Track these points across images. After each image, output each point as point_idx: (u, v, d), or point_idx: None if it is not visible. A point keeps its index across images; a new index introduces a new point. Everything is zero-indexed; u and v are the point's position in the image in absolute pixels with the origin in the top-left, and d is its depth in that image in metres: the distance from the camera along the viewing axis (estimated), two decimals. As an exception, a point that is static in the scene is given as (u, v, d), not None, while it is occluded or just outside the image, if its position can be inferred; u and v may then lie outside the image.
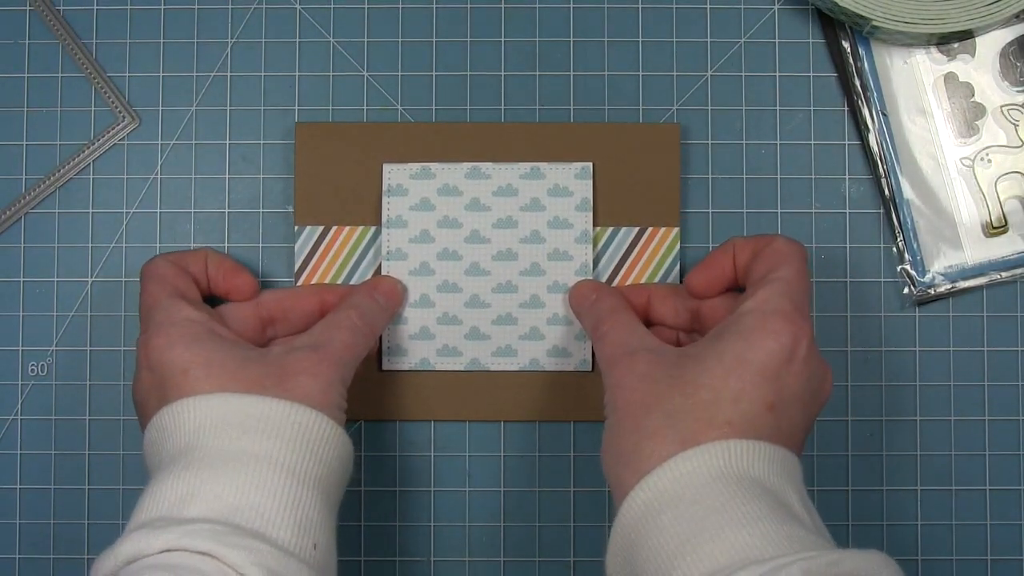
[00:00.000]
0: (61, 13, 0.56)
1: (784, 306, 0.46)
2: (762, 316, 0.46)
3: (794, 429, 0.46)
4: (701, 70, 0.56)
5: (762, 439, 0.44)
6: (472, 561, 0.55)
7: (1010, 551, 0.55)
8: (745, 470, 0.43)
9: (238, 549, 0.41)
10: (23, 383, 0.56)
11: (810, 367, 0.46)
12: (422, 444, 0.56)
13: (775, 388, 0.45)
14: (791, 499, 0.43)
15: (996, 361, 0.56)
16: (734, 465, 0.43)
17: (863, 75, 0.56)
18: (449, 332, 0.55)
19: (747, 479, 0.43)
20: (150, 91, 0.56)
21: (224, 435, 0.45)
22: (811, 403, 0.47)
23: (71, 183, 0.56)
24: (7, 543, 0.55)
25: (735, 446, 0.43)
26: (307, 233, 0.55)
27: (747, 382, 0.45)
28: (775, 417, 0.45)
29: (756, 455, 0.44)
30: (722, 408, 0.44)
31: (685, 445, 0.43)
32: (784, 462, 0.44)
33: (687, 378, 0.45)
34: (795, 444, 0.46)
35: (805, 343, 0.46)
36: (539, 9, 0.56)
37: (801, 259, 0.49)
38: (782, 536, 0.41)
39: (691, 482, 0.43)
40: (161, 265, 0.52)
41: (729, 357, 0.45)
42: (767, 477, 0.43)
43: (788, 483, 0.44)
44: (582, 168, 0.55)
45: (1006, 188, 0.56)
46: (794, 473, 0.45)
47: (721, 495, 0.42)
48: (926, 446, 0.55)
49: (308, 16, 0.56)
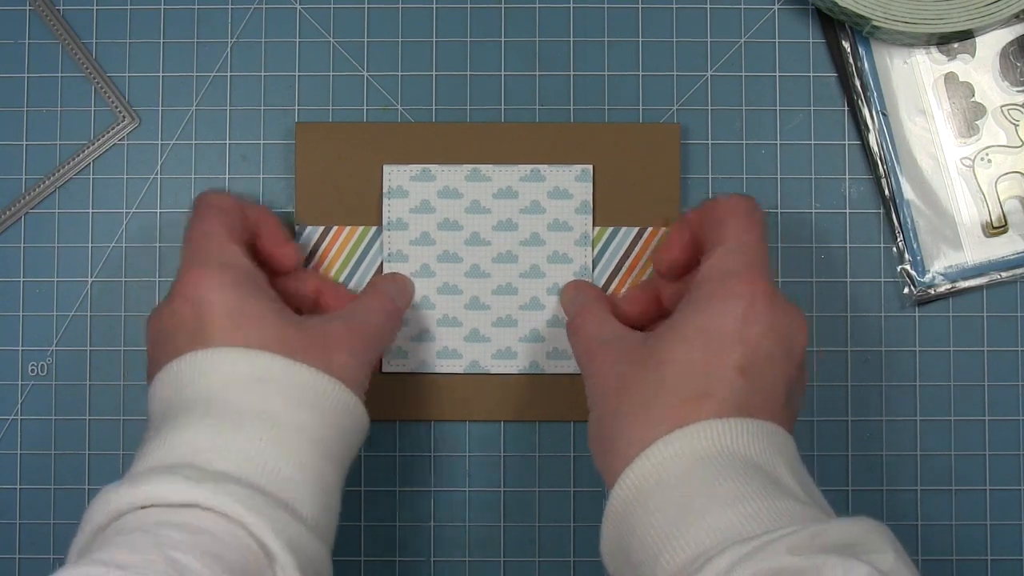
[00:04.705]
0: (61, 13, 0.56)
1: (732, 265, 0.46)
2: (713, 283, 0.45)
3: (772, 390, 0.45)
4: (701, 70, 0.56)
5: (742, 411, 0.43)
6: (472, 561, 0.55)
7: (1010, 551, 0.55)
8: (729, 447, 0.43)
9: (266, 519, 0.40)
10: (23, 383, 0.56)
11: (773, 321, 0.45)
12: (422, 444, 0.56)
13: (742, 351, 0.44)
14: (780, 471, 0.43)
15: (996, 361, 0.56)
16: (717, 444, 0.43)
17: (863, 75, 0.56)
18: (449, 334, 0.55)
19: (732, 456, 0.42)
20: (150, 91, 0.56)
21: (258, 395, 0.44)
22: (785, 358, 0.45)
23: (71, 183, 0.56)
24: (7, 543, 0.55)
25: (715, 425, 0.43)
26: (307, 233, 0.55)
27: (711, 351, 0.44)
28: (748, 381, 0.44)
29: (738, 431, 0.43)
30: (694, 382, 0.44)
31: (666, 426, 0.43)
32: (769, 435, 0.44)
33: (656, 358, 0.45)
34: (776, 408, 0.45)
35: (763, 299, 0.45)
36: (539, 9, 0.56)
37: (745, 212, 0.48)
38: (769, 512, 0.40)
39: (675, 465, 0.42)
40: (225, 200, 0.50)
41: (690, 330, 0.45)
42: (752, 452, 0.43)
43: (776, 455, 0.43)
44: (582, 171, 0.55)
45: (1006, 188, 0.56)
46: (780, 444, 0.44)
47: (706, 475, 0.42)
48: (926, 446, 0.55)
49: (308, 16, 0.56)
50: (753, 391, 0.44)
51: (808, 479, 0.44)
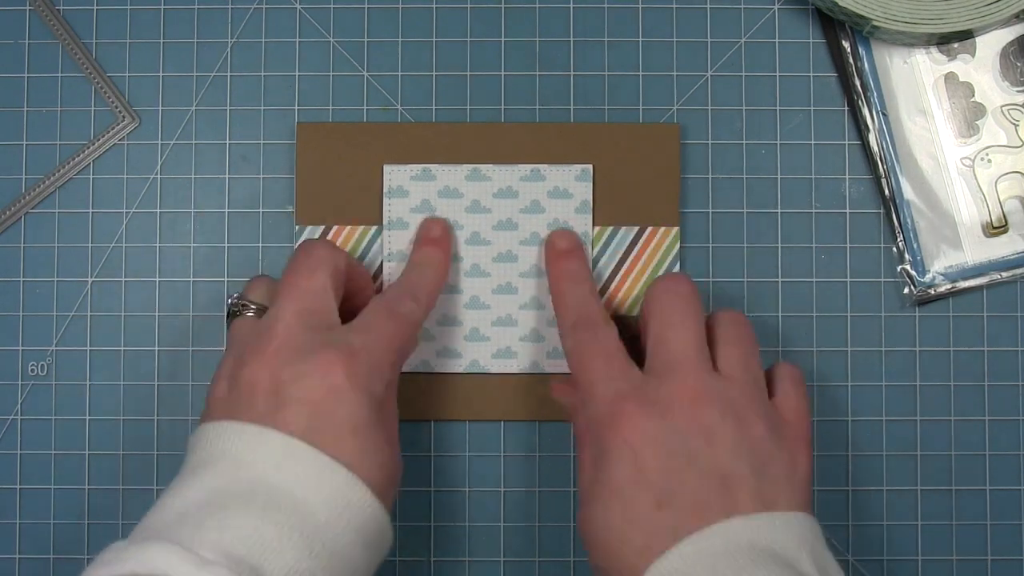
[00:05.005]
0: (61, 13, 0.56)
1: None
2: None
3: (794, 474, 0.46)
4: (701, 70, 0.56)
5: (762, 504, 0.44)
6: (472, 561, 0.55)
7: (1010, 551, 0.55)
8: (751, 541, 0.43)
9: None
10: (23, 383, 0.56)
11: (760, 412, 0.46)
12: (422, 444, 0.56)
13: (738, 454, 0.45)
14: (803, 564, 0.43)
15: (996, 361, 0.56)
16: (739, 539, 0.43)
17: (863, 75, 0.56)
18: (449, 334, 0.55)
19: (753, 551, 0.43)
20: (150, 91, 0.56)
21: (342, 533, 0.43)
22: (785, 441, 0.46)
23: (71, 183, 0.56)
24: (7, 543, 0.55)
25: (738, 523, 0.43)
26: (307, 233, 0.55)
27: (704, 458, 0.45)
28: (758, 478, 0.45)
29: (760, 526, 0.43)
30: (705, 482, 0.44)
31: (692, 525, 0.43)
32: (793, 525, 0.44)
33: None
34: (801, 491, 0.46)
35: (739, 403, 0.46)
36: (539, 9, 0.56)
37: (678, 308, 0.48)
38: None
39: (698, 562, 0.42)
40: (339, 257, 0.49)
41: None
42: (776, 543, 0.43)
43: (798, 545, 0.43)
44: (582, 170, 0.55)
45: (1006, 188, 0.56)
46: (803, 531, 0.44)
47: (730, 570, 0.42)
48: (926, 446, 0.55)
49: (308, 16, 0.56)
50: (765, 481, 0.45)
51: (831, 565, 0.44)
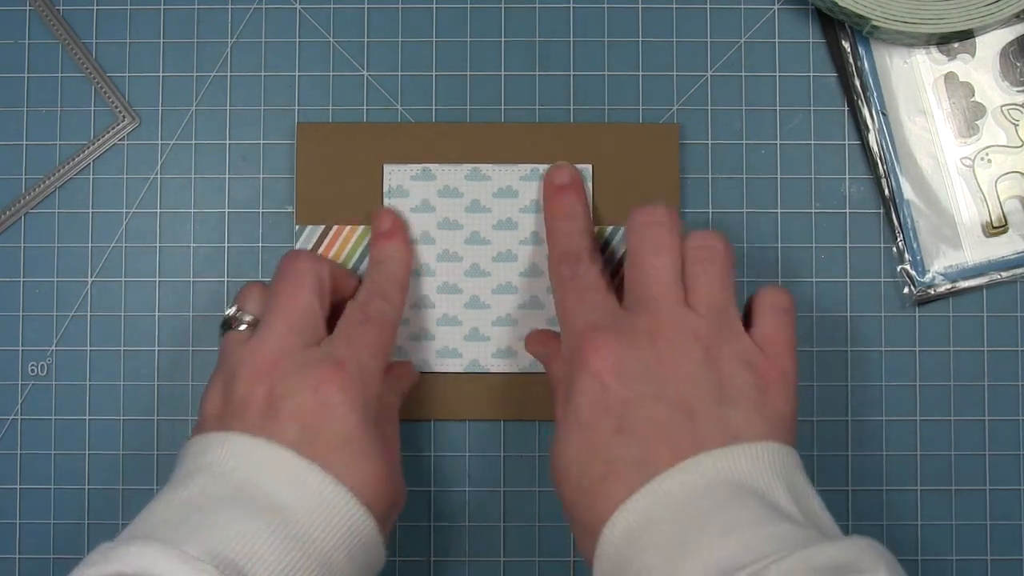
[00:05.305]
0: (61, 13, 0.56)
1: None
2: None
3: (764, 406, 0.45)
4: (701, 70, 0.56)
5: (735, 435, 0.44)
6: (472, 561, 0.55)
7: (1010, 551, 0.55)
8: (724, 475, 0.42)
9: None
10: (23, 383, 0.56)
11: (733, 347, 0.46)
12: (422, 444, 0.56)
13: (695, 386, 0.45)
14: (777, 493, 0.42)
15: (996, 361, 0.56)
16: (708, 475, 0.43)
17: (863, 75, 0.56)
18: (449, 333, 0.55)
19: (728, 484, 0.42)
20: (150, 91, 0.56)
21: (332, 545, 0.44)
22: (749, 368, 0.46)
23: (71, 183, 0.56)
24: (7, 543, 0.55)
25: (704, 458, 0.43)
26: (307, 232, 0.55)
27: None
28: (727, 407, 0.44)
29: (733, 458, 0.43)
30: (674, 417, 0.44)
31: (657, 460, 0.43)
32: (762, 455, 0.43)
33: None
34: (775, 423, 0.45)
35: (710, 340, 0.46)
36: (539, 9, 0.56)
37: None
38: (762, 539, 0.40)
39: (668, 502, 0.42)
40: (323, 267, 0.50)
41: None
42: (749, 476, 0.43)
43: (773, 475, 0.43)
44: (582, 170, 0.55)
45: (1006, 188, 0.56)
46: (776, 461, 0.44)
47: (699, 508, 0.42)
48: (926, 446, 0.55)
49: (308, 16, 0.56)
50: (732, 415, 0.44)
51: (808, 494, 0.44)
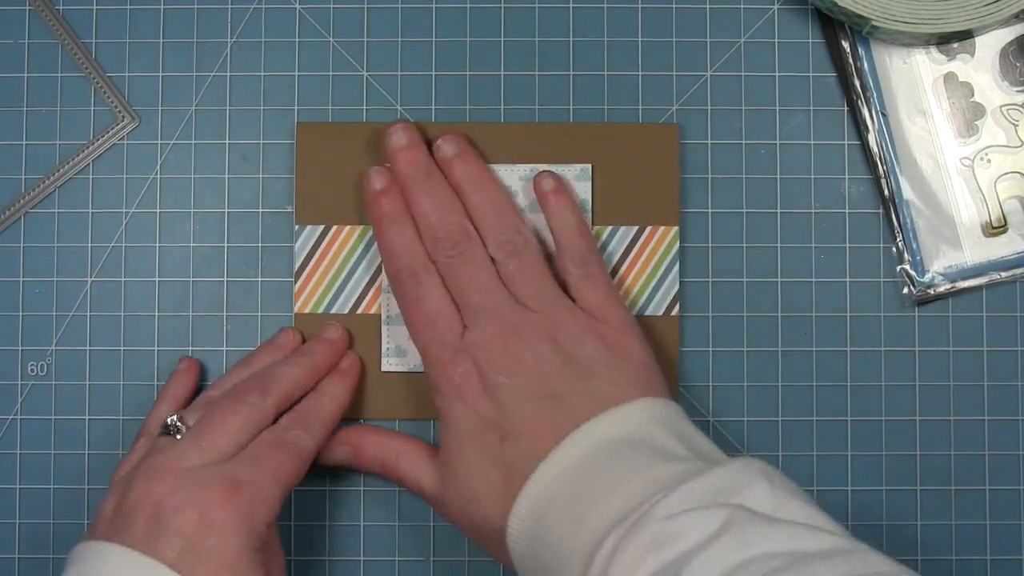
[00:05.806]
0: (61, 13, 0.56)
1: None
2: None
3: (627, 365, 0.47)
4: (701, 70, 0.56)
5: (605, 402, 0.45)
6: (472, 561, 0.55)
7: (1010, 551, 0.55)
8: (603, 439, 0.44)
9: None
10: (23, 383, 0.56)
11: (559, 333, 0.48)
12: (422, 444, 0.56)
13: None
14: (659, 439, 0.44)
15: (996, 361, 0.56)
16: (591, 441, 0.44)
17: (863, 75, 0.56)
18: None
19: (609, 445, 0.44)
20: (150, 91, 0.56)
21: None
22: (599, 339, 0.48)
23: (71, 183, 0.56)
24: (7, 543, 0.55)
25: (583, 429, 0.44)
26: (307, 233, 0.55)
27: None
28: (591, 379, 0.47)
29: (607, 421, 0.45)
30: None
31: (544, 449, 0.45)
32: (636, 410, 0.45)
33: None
34: (640, 379, 0.47)
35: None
36: (539, 9, 0.56)
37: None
38: (649, 483, 0.41)
39: (561, 477, 0.44)
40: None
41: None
42: (630, 433, 0.44)
43: (652, 426, 0.45)
44: (581, 170, 0.55)
45: (1006, 188, 0.56)
46: (652, 413, 0.45)
47: (588, 475, 0.43)
48: (926, 446, 0.55)
49: (308, 16, 0.56)
50: (597, 385, 0.46)
51: (697, 436, 0.46)
